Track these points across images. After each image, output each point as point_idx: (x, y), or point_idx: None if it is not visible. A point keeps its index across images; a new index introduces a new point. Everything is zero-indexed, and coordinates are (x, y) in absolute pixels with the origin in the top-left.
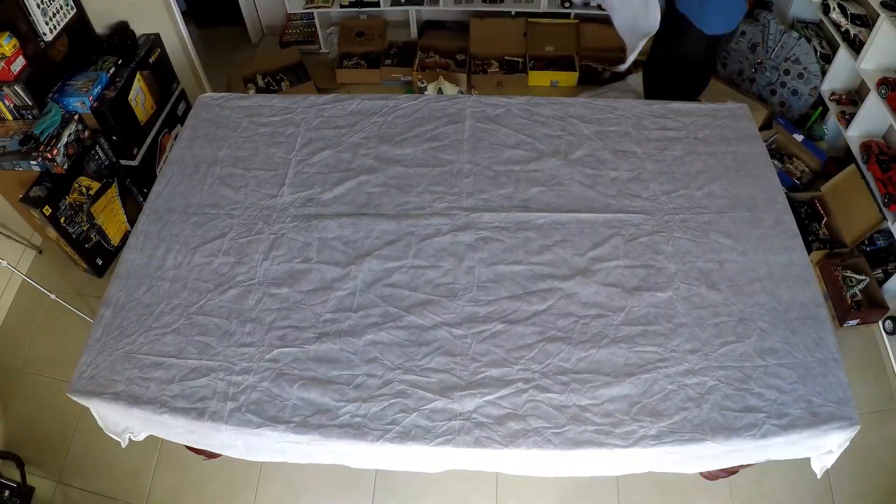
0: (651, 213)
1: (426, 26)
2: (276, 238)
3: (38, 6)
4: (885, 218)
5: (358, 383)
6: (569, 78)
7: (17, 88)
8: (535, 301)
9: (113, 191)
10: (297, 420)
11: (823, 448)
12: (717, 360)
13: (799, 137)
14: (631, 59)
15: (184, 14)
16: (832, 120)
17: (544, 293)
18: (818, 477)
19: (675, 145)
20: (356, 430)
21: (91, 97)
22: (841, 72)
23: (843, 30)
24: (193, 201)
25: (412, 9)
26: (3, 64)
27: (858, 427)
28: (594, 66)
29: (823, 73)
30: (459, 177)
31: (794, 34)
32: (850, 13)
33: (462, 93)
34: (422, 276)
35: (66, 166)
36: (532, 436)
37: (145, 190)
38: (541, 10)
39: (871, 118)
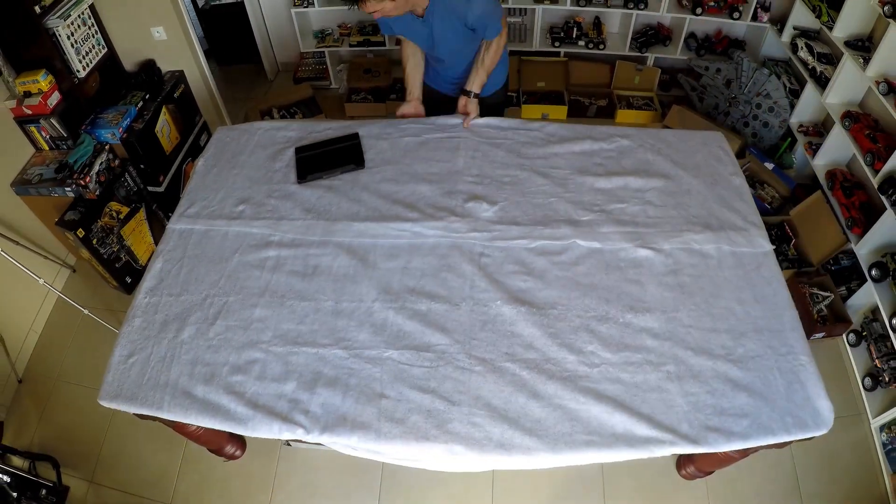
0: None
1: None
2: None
3: (73, 46)
4: (848, 240)
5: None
6: (559, 111)
7: (53, 121)
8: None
9: (141, 215)
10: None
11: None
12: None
13: (770, 166)
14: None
15: (206, 53)
16: (800, 150)
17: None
18: None
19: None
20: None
21: (121, 129)
22: (808, 106)
23: (810, 67)
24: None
25: None
26: (40, 98)
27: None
28: (581, 100)
29: (792, 106)
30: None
31: (766, 71)
32: (817, 52)
33: None
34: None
35: (97, 192)
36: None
37: (170, 214)
38: (533, 49)
39: (835, 148)
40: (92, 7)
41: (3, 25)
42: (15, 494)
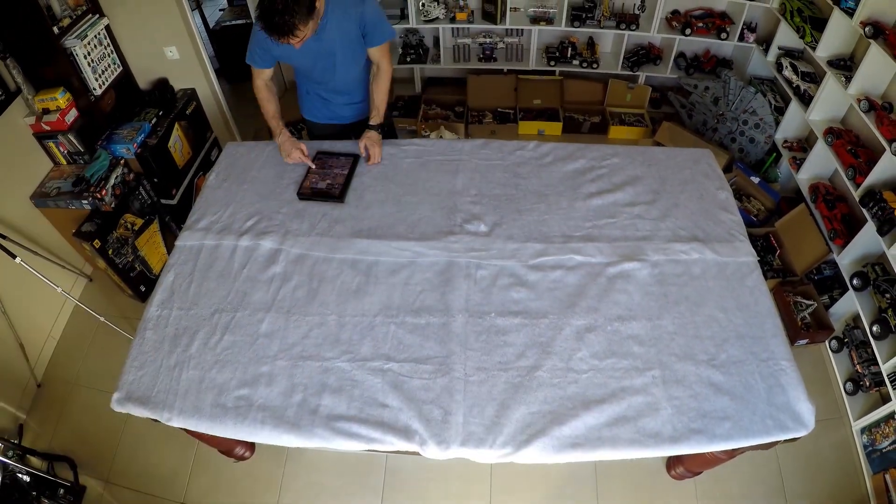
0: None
1: (429, 82)
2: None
3: (89, 65)
4: (830, 250)
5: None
6: (554, 127)
7: (71, 137)
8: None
9: (154, 226)
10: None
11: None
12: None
13: (756, 180)
14: None
15: (216, 71)
16: (785, 164)
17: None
18: None
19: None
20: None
21: (135, 144)
22: (792, 122)
23: (794, 85)
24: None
25: (417, 67)
26: (58, 115)
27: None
28: (576, 117)
29: (777, 123)
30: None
31: (752, 89)
32: (801, 71)
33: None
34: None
35: (113, 205)
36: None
37: (181, 225)
38: (529, 68)
39: (818, 163)
40: (108, 28)
41: (22, 45)
42: (34, 493)
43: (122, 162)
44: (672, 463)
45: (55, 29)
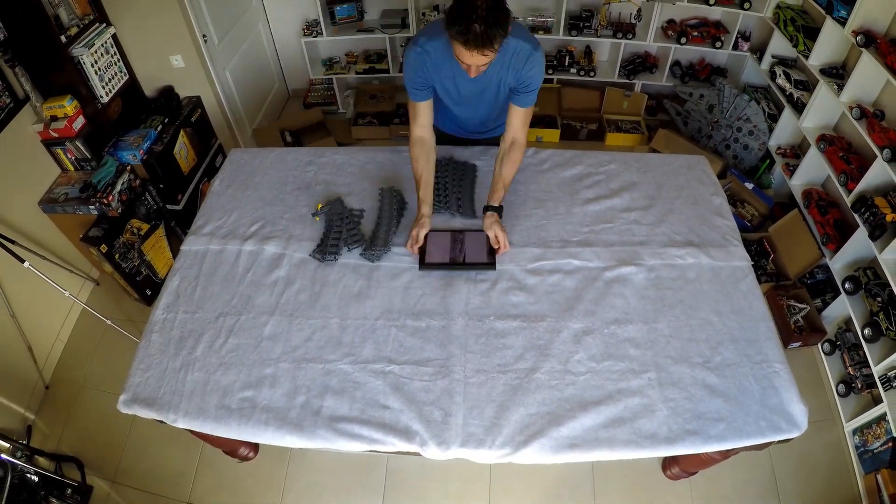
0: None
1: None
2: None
3: (96, 73)
4: (823, 255)
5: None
6: (552, 134)
7: (78, 143)
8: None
9: (160, 231)
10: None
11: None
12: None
13: (750, 186)
14: None
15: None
16: (778, 171)
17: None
18: None
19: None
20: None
21: (141, 151)
22: (785, 129)
23: (787, 93)
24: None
25: None
26: (66, 122)
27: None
28: (573, 124)
29: (770, 130)
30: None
31: (746, 97)
32: (794, 79)
33: None
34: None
35: (119, 210)
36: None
37: (187, 230)
38: None
39: (811, 169)
40: (114, 37)
41: (31, 54)
42: (43, 493)
43: (128, 168)
44: (668, 463)
45: (63, 38)
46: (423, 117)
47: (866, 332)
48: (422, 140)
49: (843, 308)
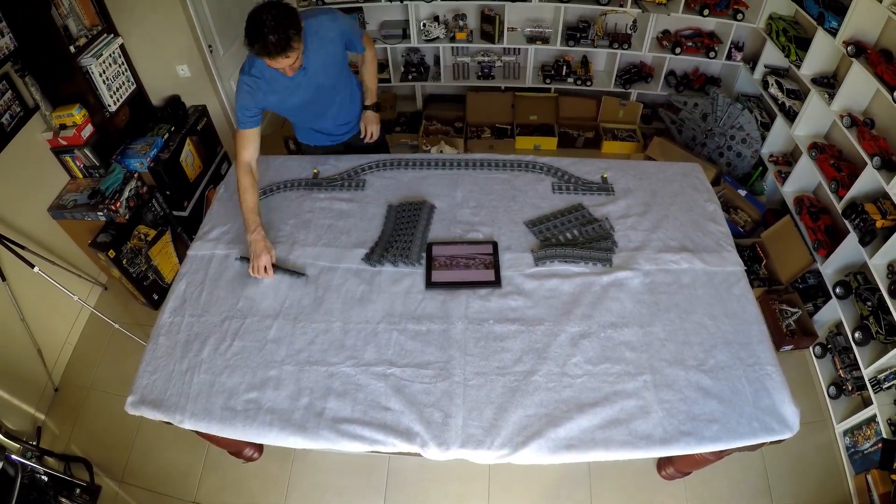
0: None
1: (430, 99)
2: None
3: (104, 82)
4: (814, 260)
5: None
6: (549, 142)
7: (87, 151)
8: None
9: (167, 237)
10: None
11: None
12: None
13: (742, 192)
14: None
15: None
16: (770, 178)
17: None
18: None
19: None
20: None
21: (148, 158)
22: (778, 137)
23: (779, 102)
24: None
25: (418, 84)
26: (74, 131)
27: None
28: (570, 132)
29: (763, 138)
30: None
31: (739, 106)
32: (786, 88)
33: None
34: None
35: (127, 217)
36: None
37: (193, 236)
38: (526, 86)
39: (803, 176)
40: (122, 47)
41: (40, 64)
42: (52, 493)
43: (135, 175)
44: (662, 464)
45: (72, 48)
46: (253, 145)
47: (857, 335)
48: (250, 168)
49: (833, 312)
